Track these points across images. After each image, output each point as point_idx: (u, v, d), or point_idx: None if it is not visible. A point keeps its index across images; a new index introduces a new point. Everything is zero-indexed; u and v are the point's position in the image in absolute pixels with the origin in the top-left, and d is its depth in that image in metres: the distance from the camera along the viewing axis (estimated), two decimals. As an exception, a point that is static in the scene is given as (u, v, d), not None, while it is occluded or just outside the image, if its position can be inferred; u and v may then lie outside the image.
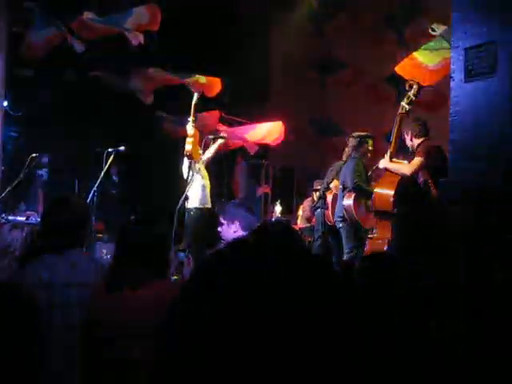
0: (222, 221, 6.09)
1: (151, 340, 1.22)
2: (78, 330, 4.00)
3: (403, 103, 8.41)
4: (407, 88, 8.52)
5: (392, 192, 8.13)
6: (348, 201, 9.46)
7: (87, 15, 11.35)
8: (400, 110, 8.41)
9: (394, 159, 8.40)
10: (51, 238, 4.24)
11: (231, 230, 5.99)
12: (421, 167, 8.09)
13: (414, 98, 8.39)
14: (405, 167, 8.24)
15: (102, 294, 3.94)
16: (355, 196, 9.42)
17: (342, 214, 9.45)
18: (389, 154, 8.38)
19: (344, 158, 9.97)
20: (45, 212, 4.43)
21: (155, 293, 3.78)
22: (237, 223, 6.01)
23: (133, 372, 3.68)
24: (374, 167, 9.13)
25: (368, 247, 8.25)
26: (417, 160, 8.12)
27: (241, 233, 5.88)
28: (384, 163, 8.41)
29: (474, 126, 6.12)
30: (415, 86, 8.45)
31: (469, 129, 6.18)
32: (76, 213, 4.32)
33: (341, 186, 9.68)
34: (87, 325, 3.92)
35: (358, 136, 9.76)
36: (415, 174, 8.17)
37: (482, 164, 5.96)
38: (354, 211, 9.38)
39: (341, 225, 9.50)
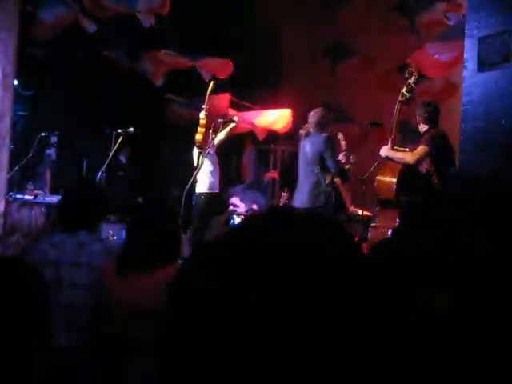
0: (239, 203, 6.08)
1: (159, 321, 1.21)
2: (82, 309, 4.03)
3: (403, 90, 8.34)
4: (407, 75, 8.45)
5: (394, 180, 8.08)
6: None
7: (100, -6, 11.34)
8: (400, 98, 8.34)
9: (396, 147, 8.33)
10: (68, 216, 4.27)
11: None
12: (424, 156, 7.99)
13: (413, 86, 8.32)
14: (408, 156, 8.14)
15: (114, 278, 3.97)
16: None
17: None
18: (390, 141, 8.30)
19: None
20: (68, 190, 4.44)
21: (166, 276, 3.79)
22: (255, 206, 6.02)
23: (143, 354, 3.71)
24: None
25: (371, 235, 8.20)
26: (421, 148, 8.02)
27: None
28: (385, 151, 8.32)
29: (486, 115, 6.09)
30: (415, 74, 8.39)
31: (481, 118, 6.15)
32: (98, 198, 4.36)
33: None
34: (100, 308, 3.96)
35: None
36: (418, 162, 8.08)
37: (494, 154, 5.94)
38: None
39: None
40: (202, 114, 10.58)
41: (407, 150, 8.36)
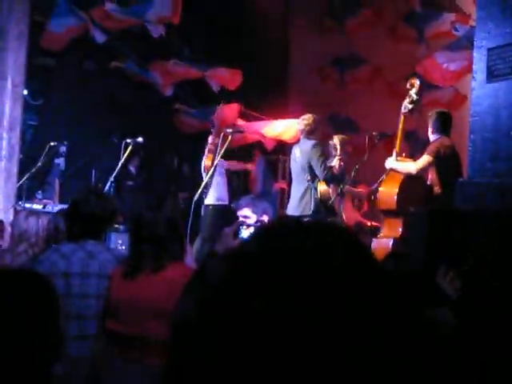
0: (250, 214, 6.07)
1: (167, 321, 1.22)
2: (92, 319, 4.06)
3: (405, 102, 8.32)
4: (408, 86, 8.43)
5: (396, 190, 8.07)
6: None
7: (109, 5, 11.36)
8: (403, 110, 8.33)
9: (399, 158, 8.32)
10: (75, 227, 4.28)
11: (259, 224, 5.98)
12: (427, 166, 7.96)
13: (415, 97, 8.30)
14: (410, 165, 8.13)
15: (120, 280, 4.03)
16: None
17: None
18: (394, 153, 8.29)
19: None
20: (77, 200, 4.45)
21: (172, 274, 3.89)
22: (266, 217, 6.01)
23: (152, 351, 3.78)
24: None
25: (375, 246, 8.18)
26: (423, 158, 8.01)
27: None
28: (390, 163, 8.30)
29: (495, 126, 6.09)
30: (416, 85, 8.37)
31: (489, 129, 6.14)
32: (107, 208, 4.37)
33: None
34: (107, 310, 4.00)
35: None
36: (421, 172, 8.06)
37: (503, 164, 5.93)
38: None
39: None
40: (211, 139, 10.57)
41: (409, 160, 8.36)
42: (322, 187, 9.10)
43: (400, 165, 8.21)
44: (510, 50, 6.13)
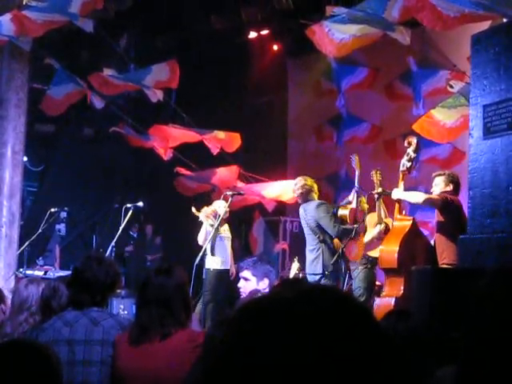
0: (250, 277, 6.03)
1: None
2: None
3: (403, 160, 8.36)
4: (406, 145, 8.47)
5: (396, 248, 8.06)
6: None
7: (107, 72, 11.48)
8: (401, 168, 8.36)
9: (399, 216, 8.37)
10: (79, 294, 4.27)
11: (260, 287, 5.94)
12: (435, 202, 7.99)
13: (413, 155, 8.35)
14: (419, 195, 8.15)
15: (127, 347, 4.00)
16: None
17: None
18: (401, 185, 8.30)
19: None
20: (78, 268, 4.44)
21: (178, 342, 3.86)
22: (266, 280, 5.97)
23: None
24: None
25: (377, 305, 8.13)
26: (434, 195, 8.06)
27: (268, 290, 5.83)
28: (397, 194, 8.29)
29: (493, 182, 6.11)
30: (414, 143, 8.41)
31: (488, 186, 6.16)
32: (109, 274, 4.37)
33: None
34: (113, 378, 3.96)
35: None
36: (429, 203, 8.09)
37: (502, 220, 5.93)
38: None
39: None
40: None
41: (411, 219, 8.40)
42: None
43: (407, 195, 8.20)
44: (505, 106, 6.18)
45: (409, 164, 8.32)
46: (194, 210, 10.77)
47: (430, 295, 5.83)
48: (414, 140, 8.47)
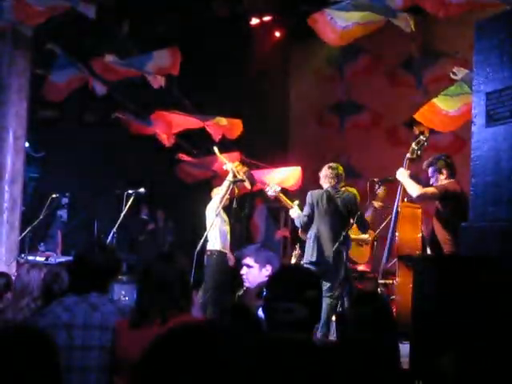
0: (252, 264, 6.03)
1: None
2: (94, 371, 4.04)
3: (414, 146, 8.34)
4: (417, 133, 8.47)
5: (419, 235, 8.11)
6: None
7: (108, 57, 11.44)
8: (410, 155, 8.34)
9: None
10: (80, 280, 4.29)
11: (263, 274, 5.95)
12: (430, 196, 7.99)
13: (425, 144, 8.35)
14: (415, 188, 8.07)
15: (127, 332, 4.03)
16: None
17: None
18: (406, 163, 8.29)
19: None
20: (80, 253, 4.47)
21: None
22: (269, 267, 5.97)
23: None
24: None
25: (397, 295, 8.12)
26: (430, 188, 8.05)
27: None
28: (401, 174, 8.26)
29: (496, 170, 6.09)
30: (425, 132, 8.42)
31: (490, 173, 6.14)
32: (110, 260, 4.39)
33: None
34: (114, 363, 4.01)
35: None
36: (421, 199, 8.08)
37: (504, 209, 5.92)
38: None
39: None
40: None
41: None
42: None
43: (408, 182, 8.15)
44: (508, 94, 6.16)
45: (419, 152, 8.32)
46: (216, 149, 10.80)
47: (435, 283, 5.82)
48: (426, 130, 8.50)
